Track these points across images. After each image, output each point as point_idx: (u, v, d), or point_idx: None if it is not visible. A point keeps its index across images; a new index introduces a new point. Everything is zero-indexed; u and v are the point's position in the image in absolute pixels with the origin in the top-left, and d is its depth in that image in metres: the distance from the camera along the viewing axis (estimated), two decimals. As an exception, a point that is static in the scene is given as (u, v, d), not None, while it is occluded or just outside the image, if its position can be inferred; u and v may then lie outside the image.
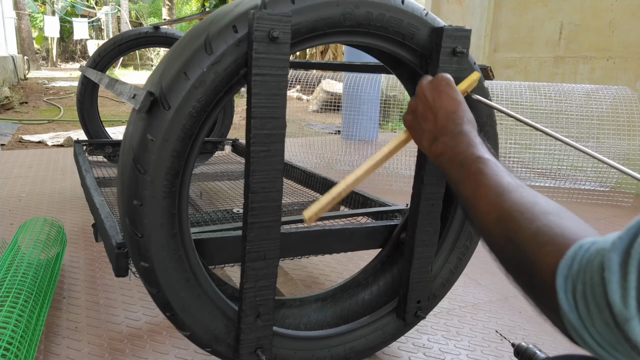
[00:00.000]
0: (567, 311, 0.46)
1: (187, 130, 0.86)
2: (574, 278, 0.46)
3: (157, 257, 0.91)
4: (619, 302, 0.41)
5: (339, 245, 1.30)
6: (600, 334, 0.44)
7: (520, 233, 0.54)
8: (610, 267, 0.42)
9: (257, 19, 0.83)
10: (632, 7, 3.55)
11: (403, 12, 0.99)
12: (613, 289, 0.41)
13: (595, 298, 0.43)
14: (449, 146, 0.72)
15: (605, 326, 0.43)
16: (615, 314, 0.41)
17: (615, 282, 0.41)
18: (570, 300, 0.46)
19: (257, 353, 1.03)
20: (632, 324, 0.40)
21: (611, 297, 0.41)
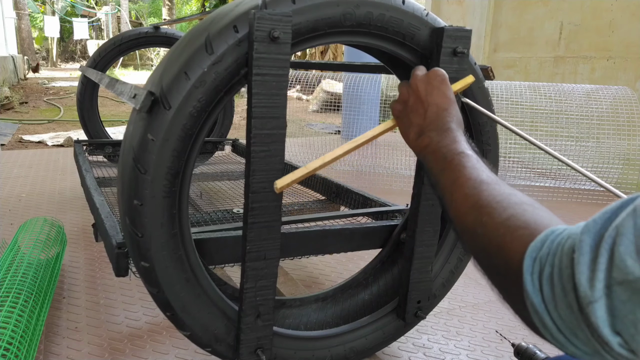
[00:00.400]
0: (531, 293, 0.46)
1: (187, 130, 0.86)
2: (542, 260, 0.46)
3: (157, 257, 0.91)
4: (586, 283, 0.41)
5: (339, 246, 1.30)
6: (561, 318, 0.44)
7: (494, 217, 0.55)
8: (581, 249, 0.42)
9: (257, 18, 0.83)
10: (632, 7, 3.55)
11: (403, 12, 0.99)
12: (581, 270, 0.41)
13: (562, 280, 0.43)
14: (434, 140, 0.74)
15: (568, 309, 0.43)
16: (579, 296, 0.41)
17: (584, 263, 0.41)
18: (536, 282, 0.46)
19: (257, 353, 1.03)
20: (594, 307, 0.40)
21: (578, 278, 0.41)
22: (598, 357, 0.43)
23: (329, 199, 1.99)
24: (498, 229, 0.53)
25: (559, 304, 0.44)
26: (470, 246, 0.58)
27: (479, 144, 1.20)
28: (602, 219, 0.42)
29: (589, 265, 0.41)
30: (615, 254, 0.39)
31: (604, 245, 0.40)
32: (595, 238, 0.41)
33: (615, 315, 0.39)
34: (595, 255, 0.41)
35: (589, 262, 0.41)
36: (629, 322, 0.39)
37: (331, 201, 1.98)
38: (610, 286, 0.39)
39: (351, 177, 3.44)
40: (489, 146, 1.21)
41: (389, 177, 3.43)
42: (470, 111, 1.16)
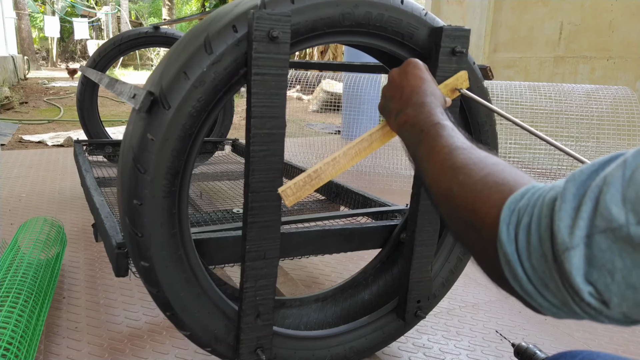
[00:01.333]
0: (505, 242, 0.46)
1: (187, 130, 0.86)
2: (520, 211, 0.45)
3: (157, 257, 0.91)
4: (565, 230, 0.40)
5: (338, 246, 1.30)
6: (533, 268, 0.44)
7: (471, 176, 0.54)
8: (564, 197, 0.41)
9: (256, 18, 0.83)
10: (632, 7, 3.55)
11: (402, 12, 0.99)
12: (562, 217, 0.41)
13: (539, 229, 0.43)
14: (410, 116, 0.75)
15: (541, 259, 0.43)
16: (556, 243, 0.41)
17: (566, 210, 0.41)
18: (512, 232, 0.45)
19: (257, 353, 1.03)
20: (570, 254, 0.39)
21: (557, 225, 0.41)
22: (565, 310, 0.43)
23: (329, 199, 1.99)
24: (475, 185, 0.53)
25: (533, 253, 0.43)
26: (446, 208, 0.57)
27: (479, 144, 1.19)
28: (589, 169, 0.42)
29: (571, 213, 0.40)
30: (601, 202, 0.38)
31: (590, 194, 0.40)
32: (580, 187, 0.41)
33: (593, 264, 0.39)
34: (579, 203, 0.40)
35: (571, 209, 0.40)
36: (606, 271, 0.38)
37: (331, 201, 1.98)
38: (591, 235, 0.39)
39: (351, 177, 3.44)
40: (488, 146, 1.21)
41: (389, 177, 3.43)
42: (469, 111, 1.16)
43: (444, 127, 0.68)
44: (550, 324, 1.62)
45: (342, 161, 0.91)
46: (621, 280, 0.38)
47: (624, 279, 0.38)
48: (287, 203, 0.88)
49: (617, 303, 0.39)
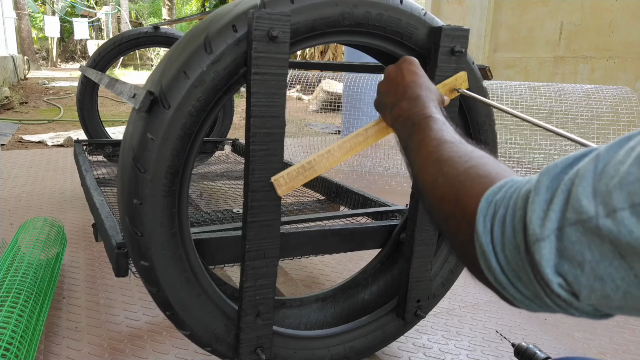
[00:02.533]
0: (481, 233, 0.46)
1: (187, 129, 0.87)
2: (497, 204, 0.46)
3: (157, 256, 0.91)
4: (537, 221, 0.41)
5: (338, 246, 1.30)
6: (507, 259, 0.44)
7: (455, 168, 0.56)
8: (537, 189, 0.42)
9: (256, 18, 0.83)
10: (632, 7, 3.55)
11: (401, 12, 1.00)
12: (534, 209, 0.41)
13: (513, 221, 0.44)
14: (404, 109, 0.77)
15: (515, 250, 0.43)
16: (528, 234, 0.41)
17: (538, 202, 0.41)
18: (488, 224, 0.46)
19: (257, 352, 1.03)
20: (540, 245, 0.40)
21: (529, 216, 0.41)
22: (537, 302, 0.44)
23: (329, 199, 1.99)
24: (459, 176, 0.54)
25: (506, 245, 0.44)
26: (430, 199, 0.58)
27: (478, 144, 1.20)
28: (563, 163, 0.42)
29: (543, 205, 0.41)
30: (572, 194, 0.39)
31: (562, 187, 0.40)
32: (554, 180, 0.42)
33: (563, 255, 0.39)
34: (551, 196, 0.41)
35: (543, 202, 0.41)
36: (575, 263, 0.39)
37: (331, 201, 1.98)
38: (562, 227, 0.39)
39: (351, 177, 3.44)
40: (487, 145, 1.21)
41: (389, 177, 3.43)
42: (468, 110, 1.16)
43: (435, 120, 0.69)
44: (550, 324, 1.62)
45: (336, 154, 0.92)
46: (590, 272, 0.38)
47: (592, 271, 0.38)
48: (279, 192, 0.90)
49: (586, 295, 0.39)
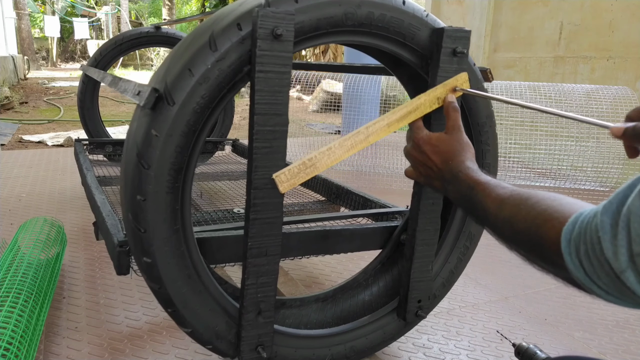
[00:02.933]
0: (574, 271, 0.54)
1: (191, 126, 0.87)
2: (576, 240, 0.53)
3: (159, 253, 0.91)
4: (612, 257, 0.48)
5: (339, 246, 1.30)
6: (606, 285, 0.51)
7: (524, 223, 0.64)
8: (603, 229, 0.49)
9: (261, 16, 0.84)
10: (632, 7, 3.55)
11: (404, 13, 1.00)
12: (606, 247, 0.49)
13: (595, 254, 0.50)
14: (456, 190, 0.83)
15: (608, 277, 0.50)
16: (612, 267, 0.49)
17: (608, 240, 0.49)
18: (575, 260, 0.54)
19: (258, 350, 1.03)
20: (626, 275, 0.47)
21: (606, 254, 0.49)
22: None
23: (329, 199, 1.99)
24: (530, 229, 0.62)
25: (600, 275, 0.51)
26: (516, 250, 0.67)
27: (478, 144, 1.20)
28: (616, 199, 0.49)
29: (611, 242, 0.48)
30: (632, 230, 0.46)
31: (621, 224, 0.48)
32: (613, 217, 0.49)
33: None
34: (615, 232, 0.48)
35: (611, 238, 0.49)
36: None
37: (331, 202, 1.98)
38: (632, 257, 0.47)
39: (351, 177, 3.44)
40: (488, 146, 1.22)
41: (389, 177, 3.43)
42: (469, 112, 1.17)
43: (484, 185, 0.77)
44: (550, 324, 1.63)
45: (337, 152, 0.92)
46: None
47: None
48: (280, 189, 0.90)
49: None
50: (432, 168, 0.88)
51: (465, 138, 0.89)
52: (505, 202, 0.70)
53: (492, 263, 2.08)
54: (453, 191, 0.84)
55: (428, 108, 0.99)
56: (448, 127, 0.91)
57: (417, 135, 0.92)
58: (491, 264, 2.07)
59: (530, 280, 1.92)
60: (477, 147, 1.20)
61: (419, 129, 0.93)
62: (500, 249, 2.28)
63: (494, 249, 2.19)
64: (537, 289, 1.86)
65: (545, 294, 1.82)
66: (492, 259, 2.11)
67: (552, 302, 1.76)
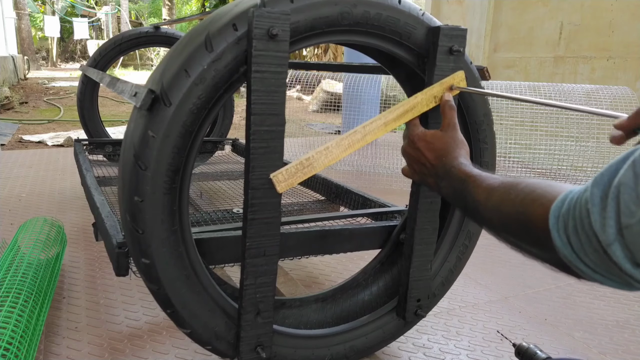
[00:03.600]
0: (561, 247, 0.53)
1: (187, 127, 0.87)
2: (564, 216, 0.52)
3: (157, 254, 0.91)
4: (600, 229, 0.47)
5: (338, 246, 1.30)
6: (593, 262, 0.50)
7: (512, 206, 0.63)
8: (592, 200, 0.48)
9: (256, 17, 0.84)
10: (632, 7, 3.55)
11: (400, 12, 1.01)
12: (595, 219, 0.48)
13: (584, 229, 0.49)
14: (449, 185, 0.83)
15: (595, 253, 0.49)
16: (600, 240, 0.47)
17: (597, 212, 0.48)
18: (563, 237, 0.52)
19: (257, 350, 1.03)
20: (612, 248, 0.46)
21: (594, 226, 0.48)
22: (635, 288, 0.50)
23: (329, 199, 1.99)
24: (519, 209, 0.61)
25: (587, 251, 0.50)
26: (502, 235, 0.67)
27: (476, 143, 1.20)
28: (608, 172, 0.48)
29: (600, 214, 0.47)
30: (621, 202, 0.45)
31: (610, 195, 0.46)
32: (603, 190, 0.48)
33: (632, 251, 0.46)
34: (604, 204, 0.47)
35: (599, 210, 0.47)
36: None
37: (331, 202, 1.98)
38: (620, 230, 0.46)
39: (351, 177, 3.44)
40: (485, 144, 1.22)
41: (389, 177, 3.43)
42: (467, 110, 1.17)
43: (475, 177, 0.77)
44: (550, 324, 1.62)
45: (334, 151, 0.93)
46: None
47: None
48: (278, 189, 0.90)
49: None
50: (426, 165, 0.88)
51: (460, 136, 0.90)
52: (495, 190, 0.69)
53: (492, 263, 2.08)
54: (446, 187, 0.83)
55: (425, 107, 1.00)
56: (443, 125, 0.92)
57: (413, 132, 0.93)
58: (491, 264, 2.07)
59: (530, 280, 1.92)
60: (475, 146, 1.20)
61: (415, 126, 0.94)
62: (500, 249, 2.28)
63: (493, 249, 2.19)
64: (537, 289, 1.86)
65: (545, 294, 1.82)
66: (492, 259, 2.11)
67: (552, 302, 1.76)
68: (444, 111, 0.95)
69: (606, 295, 1.82)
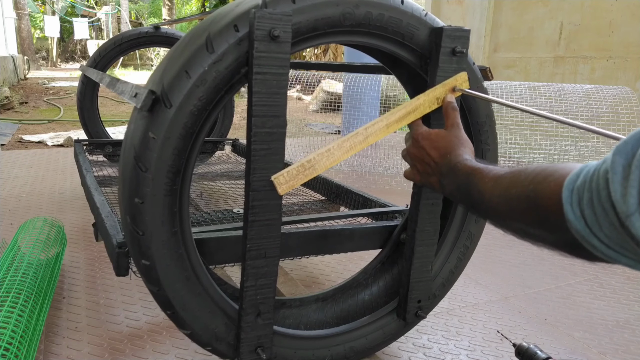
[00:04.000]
0: (574, 221, 0.50)
1: (188, 128, 0.87)
2: (579, 188, 0.50)
3: (158, 255, 0.91)
4: (620, 199, 0.44)
5: (338, 246, 1.30)
6: (607, 236, 0.48)
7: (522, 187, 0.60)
8: (614, 169, 0.45)
9: (258, 18, 0.84)
10: (632, 7, 3.55)
11: (402, 12, 1.00)
12: (615, 188, 0.45)
13: (600, 201, 0.47)
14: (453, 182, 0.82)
15: (611, 227, 0.46)
16: (618, 211, 0.44)
17: (618, 181, 0.44)
18: (577, 210, 0.50)
19: (257, 352, 1.03)
20: (632, 219, 0.43)
21: (614, 196, 0.45)
22: None
23: (329, 199, 1.99)
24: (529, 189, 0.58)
25: (602, 224, 0.47)
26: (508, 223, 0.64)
27: (478, 144, 1.20)
28: (632, 139, 0.45)
29: (621, 183, 0.44)
30: None
31: (635, 163, 0.43)
32: (627, 157, 0.44)
33: None
34: (627, 173, 0.44)
35: (621, 179, 0.44)
36: None
37: (331, 201, 1.98)
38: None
39: (351, 177, 3.44)
40: (487, 146, 1.22)
41: (389, 177, 3.43)
42: (469, 111, 1.16)
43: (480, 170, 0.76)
44: (550, 324, 1.62)
45: (336, 153, 0.93)
46: None
47: None
48: (279, 191, 0.90)
49: None
50: (430, 164, 0.88)
51: (463, 134, 0.90)
52: (503, 177, 0.68)
53: (492, 263, 2.08)
54: (449, 184, 0.82)
55: (427, 108, 1.00)
56: (447, 125, 0.92)
57: (416, 131, 0.92)
58: (491, 264, 2.07)
59: (530, 280, 1.92)
60: (477, 147, 1.20)
61: (418, 126, 0.94)
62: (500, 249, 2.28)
63: (494, 249, 2.19)
64: (537, 289, 1.86)
65: (545, 294, 1.82)
66: (492, 259, 2.11)
67: (552, 302, 1.76)
68: (446, 112, 0.95)
69: (606, 295, 1.82)
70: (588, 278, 1.97)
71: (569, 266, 2.05)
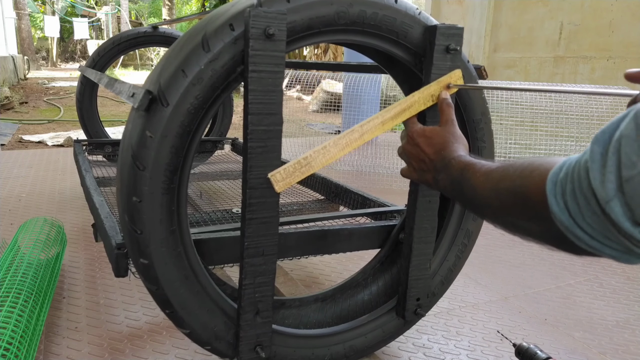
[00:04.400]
0: (558, 213, 0.51)
1: (185, 127, 0.87)
2: (562, 180, 0.51)
3: (156, 254, 0.91)
4: (599, 186, 0.45)
5: (338, 246, 1.30)
6: (591, 226, 0.48)
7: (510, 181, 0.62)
8: (592, 157, 0.46)
9: (253, 16, 0.84)
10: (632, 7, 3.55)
11: (396, 11, 1.01)
12: (594, 176, 0.46)
13: (582, 191, 0.48)
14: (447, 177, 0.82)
15: (594, 216, 0.47)
16: (598, 198, 0.46)
17: (596, 169, 0.46)
18: (560, 202, 0.51)
19: (256, 350, 1.03)
20: (611, 205, 0.44)
21: (593, 183, 0.46)
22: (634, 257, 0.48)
23: (328, 199, 1.99)
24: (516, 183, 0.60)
25: (585, 214, 0.48)
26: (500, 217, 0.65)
27: (474, 141, 1.20)
28: (609, 129, 0.46)
29: (600, 170, 0.45)
30: (622, 154, 0.44)
31: (611, 149, 0.45)
32: (604, 145, 0.46)
33: (632, 208, 0.44)
34: (604, 160, 0.45)
35: (600, 167, 0.45)
36: None
37: (330, 201, 1.98)
38: (621, 184, 0.44)
39: (351, 176, 3.44)
40: (483, 143, 1.22)
41: (389, 177, 3.43)
42: (464, 108, 1.17)
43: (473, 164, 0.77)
44: (550, 324, 1.62)
45: (332, 150, 0.93)
46: None
47: None
48: (276, 188, 0.91)
49: None
50: (425, 160, 0.88)
51: (458, 131, 0.90)
52: (494, 171, 0.69)
53: (492, 263, 2.08)
54: (443, 179, 0.83)
55: (422, 105, 1.00)
56: (442, 122, 0.92)
57: (411, 129, 0.93)
58: (491, 264, 2.07)
59: (530, 280, 1.92)
60: (473, 144, 1.20)
61: (413, 124, 0.94)
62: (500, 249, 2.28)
63: (493, 249, 2.19)
64: (537, 289, 1.86)
65: (545, 294, 1.82)
66: (492, 259, 2.11)
67: (552, 302, 1.76)
68: (441, 109, 0.95)
69: (606, 295, 1.82)
70: (588, 278, 1.96)
71: (569, 266, 2.05)
